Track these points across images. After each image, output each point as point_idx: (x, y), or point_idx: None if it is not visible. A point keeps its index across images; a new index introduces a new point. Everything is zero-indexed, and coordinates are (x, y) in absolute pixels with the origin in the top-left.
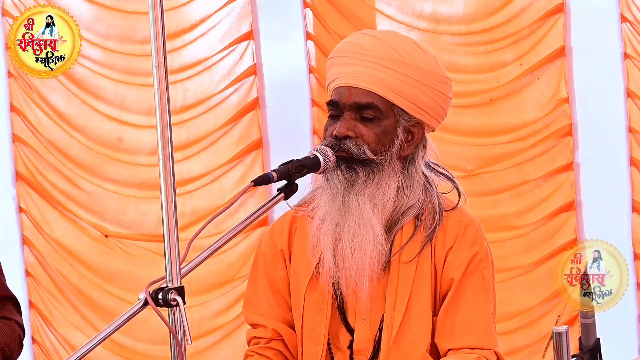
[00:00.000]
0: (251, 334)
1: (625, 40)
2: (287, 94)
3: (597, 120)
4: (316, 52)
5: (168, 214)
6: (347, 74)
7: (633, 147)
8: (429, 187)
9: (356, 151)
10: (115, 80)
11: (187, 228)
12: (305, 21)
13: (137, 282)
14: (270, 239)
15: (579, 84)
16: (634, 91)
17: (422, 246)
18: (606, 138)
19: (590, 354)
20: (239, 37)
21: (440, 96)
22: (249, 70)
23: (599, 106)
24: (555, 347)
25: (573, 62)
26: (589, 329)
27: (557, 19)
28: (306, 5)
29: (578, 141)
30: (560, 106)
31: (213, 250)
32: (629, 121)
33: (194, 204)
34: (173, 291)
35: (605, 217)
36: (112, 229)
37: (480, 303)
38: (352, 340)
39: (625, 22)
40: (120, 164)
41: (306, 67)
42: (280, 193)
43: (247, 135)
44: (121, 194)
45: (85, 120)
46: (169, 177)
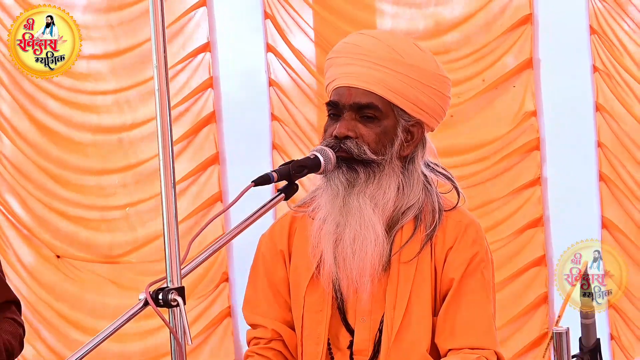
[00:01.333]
0: (251, 335)
1: (594, 52)
2: (245, 108)
3: (566, 134)
4: (275, 63)
5: (168, 214)
6: (346, 74)
7: (602, 163)
8: (428, 187)
9: (357, 151)
10: (62, 99)
11: (138, 249)
12: (266, 32)
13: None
14: (270, 240)
15: (546, 97)
16: (603, 105)
17: (421, 246)
18: (575, 153)
19: (590, 354)
20: (195, 49)
21: (439, 96)
22: (205, 83)
23: (568, 120)
24: (555, 348)
25: (541, 75)
26: (589, 329)
27: (524, 30)
28: (267, 16)
29: (546, 156)
30: (527, 120)
31: (213, 251)
32: (598, 136)
33: (142, 219)
34: (173, 291)
35: (574, 233)
36: (64, 249)
37: (481, 303)
38: (352, 341)
39: (594, 34)
40: (69, 184)
41: (266, 80)
42: (280, 193)
43: (203, 151)
44: (70, 215)
45: (35, 137)
46: (169, 177)
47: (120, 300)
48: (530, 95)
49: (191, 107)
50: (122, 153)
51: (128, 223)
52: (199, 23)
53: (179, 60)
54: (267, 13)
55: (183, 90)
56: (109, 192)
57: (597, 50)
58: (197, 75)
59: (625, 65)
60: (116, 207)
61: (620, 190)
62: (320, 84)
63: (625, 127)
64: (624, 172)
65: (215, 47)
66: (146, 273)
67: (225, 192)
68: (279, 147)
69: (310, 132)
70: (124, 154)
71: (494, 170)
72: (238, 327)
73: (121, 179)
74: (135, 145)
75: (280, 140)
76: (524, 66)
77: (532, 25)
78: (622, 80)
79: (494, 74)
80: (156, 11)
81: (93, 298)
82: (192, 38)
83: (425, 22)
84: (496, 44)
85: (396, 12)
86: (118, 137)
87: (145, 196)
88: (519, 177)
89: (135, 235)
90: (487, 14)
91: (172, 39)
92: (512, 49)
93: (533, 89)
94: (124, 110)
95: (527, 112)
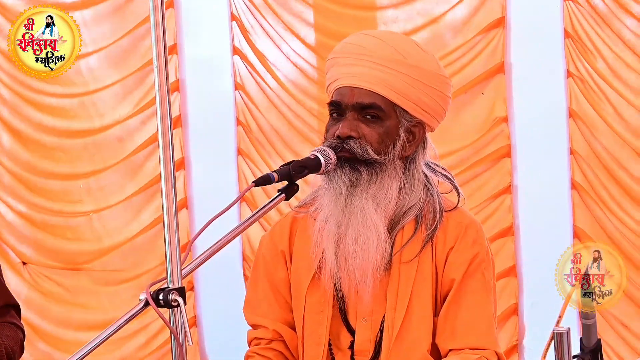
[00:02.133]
0: (252, 335)
1: (568, 57)
2: (211, 112)
3: (537, 141)
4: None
5: (169, 215)
6: (349, 75)
7: (574, 170)
8: (429, 187)
9: (360, 151)
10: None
11: (97, 258)
12: (233, 35)
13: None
14: (271, 240)
15: (518, 103)
16: (576, 111)
17: (422, 245)
18: (546, 160)
19: (591, 355)
20: None
21: (440, 96)
22: (172, 86)
23: (540, 126)
24: (556, 348)
25: (512, 80)
26: (589, 329)
27: (495, 34)
28: (233, 18)
29: (516, 163)
30: (497, 126)
31: (213, 251)
32: (570, 143)
33: (108, 226)
34: (174, 292)
35: (545, 243)
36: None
37: (481, 304)
38: (353, 341)
39: (568, 38)
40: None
41: (232, 84)
42: (281, 194)
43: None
44: (36, 220)
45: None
46: (170, 178)
47: (83, 315)
48: (501, 100)
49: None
50: (88, 157)
51: (92, 229)
52: (167, 24)
53: (145, 63)
54: (233, 15)
55: (149, 93)
56: (74, 198)
57: (572, 54)
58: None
59: (600, 70)
60: (81, 212)
61: (592, 199)
62: (285, 90)
63: (598, 135)
64: (597, 180)
65: (182, 49)
66: (110, 282)
67: (190, 197)
68: (244, 153)
69: (274, 138)
70: (89, 158)
71: (462, 178)
72: (204, 337)
73: (85, 184)
74: (101, 150)
75: (246, 146)
76: (495, 71)
77: (504, 28)
78: (596, 85)
79: (463, 79)
80: (156, 12)
81: (57, 309)
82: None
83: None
84: (467, 47)
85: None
86: (84, 141)
87: (109, 202)
88: (488, 185)
89: (100, 242)
90: (457, 16)
91: (139, 41)
92: (483, 53)
93: (504, 94)
94: (91, 114)
95: (497, 118)
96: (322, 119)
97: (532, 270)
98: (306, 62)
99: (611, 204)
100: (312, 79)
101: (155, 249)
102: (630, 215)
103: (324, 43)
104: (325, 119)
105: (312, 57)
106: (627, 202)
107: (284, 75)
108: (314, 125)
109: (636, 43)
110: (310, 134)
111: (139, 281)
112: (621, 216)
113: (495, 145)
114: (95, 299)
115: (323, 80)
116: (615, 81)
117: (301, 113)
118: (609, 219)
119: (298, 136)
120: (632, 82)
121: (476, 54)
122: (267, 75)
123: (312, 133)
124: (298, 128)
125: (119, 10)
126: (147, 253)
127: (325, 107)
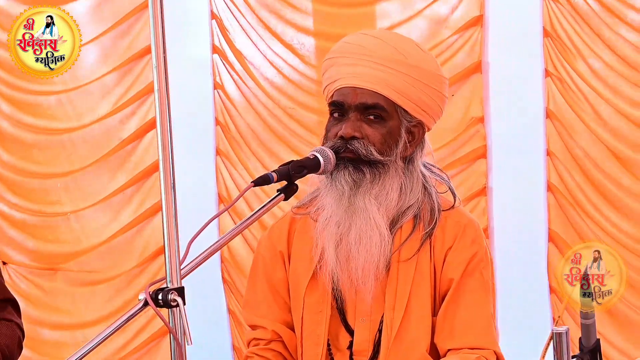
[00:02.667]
0: (251, 336)
1: (547, 56)
2: (190, 112)
3: (514, 142)
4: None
5: (168, 215)
6: (351, 75)
7: (550, 172)
8: (427, 187)
9: (364, 152)
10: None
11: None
12: (212, 33)
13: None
14: (270, 241)
15: (495, 103)
16: (553, 112)
17: (421, 243)
18: (523, 162)
19: (590, 355)
20: (141, 50)
21: (439, 96)
22: (151, 85)
23: (517, 127)
24: (555, 348)
25: (489, 79)
26: (589, 329)
27: (473, 33)
28: (213, 17)
29: (492, 164)
30: (473, 126)
31: (212, 251)
32: (547, 144)
33: (86, 227)
34: (173, 292)
35: (519, 246)
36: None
37: (480, 303)
38: (352, 341)
39: (548, 37)
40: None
41: (211, 83)
42: (280, 193)
43: (148, 156)
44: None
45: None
46: (169, 178)
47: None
48: (478, 100)
49: (137, 110)
50: (66, 157)
51: (70, 230)
52: (147, 23)
53: (123, 62)
54: (214, 14)
55: (128, 92)
56: (53, 198)
57: (550, 54)
58: (143, 78)
59: (579, 70)
60: (60, 213)
61: (568, 201)
62: (262, 90)
63: (576, 136)
64: (573, 182)
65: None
66: (85, 284)
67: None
68: (222, 153)
69: (251, 139)
70: (67, 157)
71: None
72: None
73: (63, 184)
74: (79, 149)
75: (224, 147)
76: (472, 70)
77: (482, 27)
78: (575, 85)
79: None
80: (155, 11)
81: (33, 311)
82: (138, 39)
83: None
84: (444, 45)
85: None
86: (60, 139)
87: (87, 202)
88: (463, 186)
89: (78, 243)
90: (434, 14)
91: (118, 40)
92: (460, 52)
93: (481, 94)
94: (68, 112)
95: (473, 118)
96: (300, 121)
97: (505, 273)
98: (286, 62)
99: (587, 206)
100: (292, 80)
101: (133, 250)
102: (607, 217)
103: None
104: (304, 120)
105: (292, 57)
106: (603, 205)
107: (262, 74)
108: (294, 128)
109: (617, 43)
110: (289, 136)
111: (114, 283)
112: (598, 219)
113: (471, 146)
114: (70, 300)
115: (305, 81)
116: (594, 81)
117: (278, 113)
118: (585, 222)
119: (275, 137)
120: (611, 82)
121: (453, 53)
122: (246, 75)
123: (291, 135)
124: (274, 129)
125: (98, 8)
126: (124, 254)
127: (305, 108)
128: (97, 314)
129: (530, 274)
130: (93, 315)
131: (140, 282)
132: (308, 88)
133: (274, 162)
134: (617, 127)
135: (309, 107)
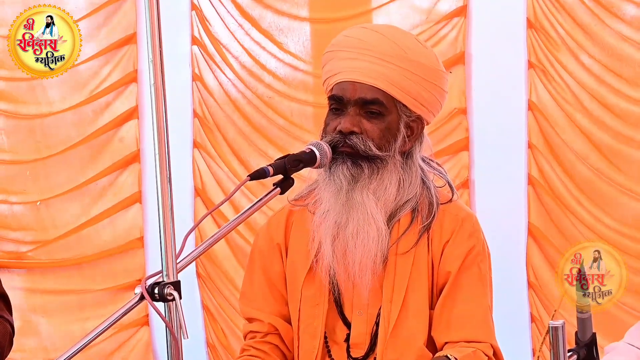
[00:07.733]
0: (247, 328)
1: (530, 47)
2: (168, 103)
3: (495, 134)
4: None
5: (164, 208)
6: (350, 69)
7: (531, 165)
8: (425, 181)
9: (362, 147)
10: None
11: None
12: (192, 24)
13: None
14: (267, 233)
15: (477, 95)
16: (536, 104)
17: (419, 236)
18: (504, 154)
19: (586, 348)
20: (119, 40)
21: (439, 91)
22: (129, 76)
23: (499, 119)
24: (551, 342)
25: (472, 70)
26: (585, 323)
27: (457, 23)
28: (194, 8)
29: (474, 157)
30: (455, 117)
31: (209, 245)
32: (529, 136)
33: (56, 216)
34: (169, 286)
35: (499, 241)
36: None
37: (477, 296)
38: (349, 334)
39: (531, 28)
40: None
41: (190, 74)
42: (276, 187)
43: (124, 147)
44: None
45: None
46: (165, 171)
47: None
48: (460, 92)
49: (114, 101)
50: (34, 144)
51: (38, 218)
52: (126, 13)
53: (100, 51)
54: (194, 4)
55: (103, 83)
56: (19, 185)
57: (534, 45)
58: (120, 68)
59: (562, 62)
60: (27, 202)
61: (548, 194)
62: (244, 82)
63: (558, 128)
64: (554, 175)
65: (141, 39)
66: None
67: (144, 191)
68: (199, 146)
69: (229, 131)
70: (35, 145)
71: None
72: (155, 338)
73: (32, 171)
74: (49, 137)
75: (201, 139)
76: (454, 61)
77: (465, 17)
78: (559, 76)
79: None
80: (152, 5)
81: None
82: (117, 28)
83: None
84: (427, 35)
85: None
86: (30, 125)
87: (56, 192)
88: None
89: (46, 231)
90: (416, 3)
91: (95, 29)
92: (443, 42)
93: (463, 85)
94: (39, 99)
95: (456, 109)
96: (277, 109)
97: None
98: (267, 52)
99: (569, 199)
100: (270, 71)
101: (100, 242)
102: (588, 211)
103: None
104: (282, 111)
105: (273, 47)
106: (584, 198)
107: (241, 64)
108: (272, 117)
109: (601, 34)
110: (268, 125)
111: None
112: (579, 212)
113: (453, 138)
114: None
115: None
116: (578, 72)
117: (258, 104)
118: (566, 216)
119: (253, 128)
120: (595, 73)
121: (435, 43)
122: (225, 66)
123: (270, 124)
124: (253, 119)
125: None
126: (91, 246)
127: (283, 100)
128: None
129: (509, 268)
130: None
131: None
132: (287, 76)
133: (253, 154)
134: (601, 119)
135: (288, 96)
